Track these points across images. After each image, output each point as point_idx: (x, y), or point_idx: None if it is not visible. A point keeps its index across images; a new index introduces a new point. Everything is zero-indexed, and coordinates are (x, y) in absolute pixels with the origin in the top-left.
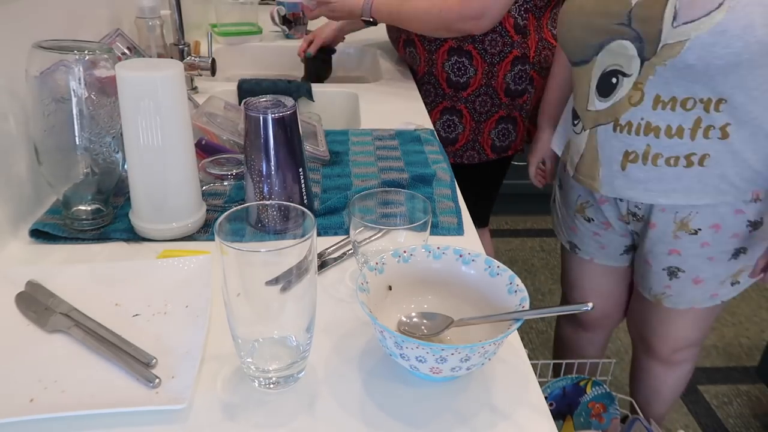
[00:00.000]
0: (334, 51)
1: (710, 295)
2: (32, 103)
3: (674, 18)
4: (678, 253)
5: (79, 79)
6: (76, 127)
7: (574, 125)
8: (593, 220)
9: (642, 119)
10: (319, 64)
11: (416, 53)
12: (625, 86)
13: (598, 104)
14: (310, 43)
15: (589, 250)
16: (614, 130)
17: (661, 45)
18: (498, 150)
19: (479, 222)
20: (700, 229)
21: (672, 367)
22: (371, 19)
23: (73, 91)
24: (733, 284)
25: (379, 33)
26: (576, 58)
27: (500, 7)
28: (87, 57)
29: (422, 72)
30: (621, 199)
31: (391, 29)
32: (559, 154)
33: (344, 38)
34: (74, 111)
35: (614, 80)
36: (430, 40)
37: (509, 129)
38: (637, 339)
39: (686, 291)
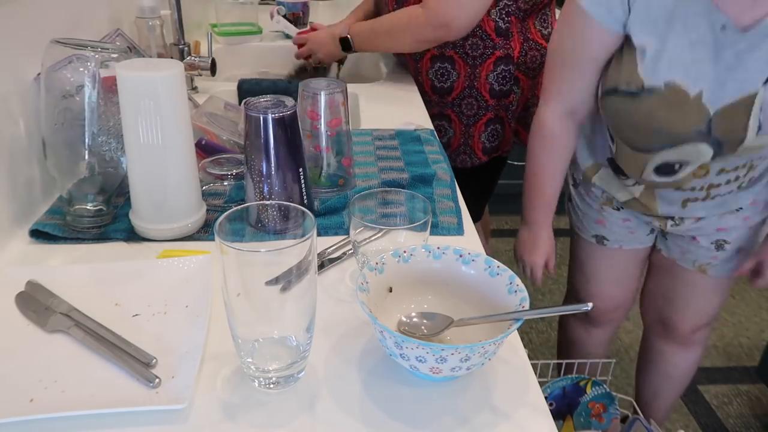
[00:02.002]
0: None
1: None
2: (44, 97)
3: (759, 129)
4: (725, 229)
5: (93, 76)
6: (86, 123)
7: (623, 178)
8: (622, 207)
9: (705, 183)
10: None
11: (406, 62)
12: (688, 169)
13: (655, 178)
14: (307, 55)
15: (618, 238)
16: (676, 190)
17: (742, 148)
18: (489, 151)
19: (473, 217)
20: (741, 208)
21: (687, 349)
22: (353, 50)
23: (86, 86)
24: None
25: None
26: (635, 147)
27: (469, 14)
28: (101, 54)
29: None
30: None
31: None
32: (583, 167)
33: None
34: (86, 107)
35: (677, 167)
36: None
37: (498, 130)
38: (654, 322)
39: (730, 260)
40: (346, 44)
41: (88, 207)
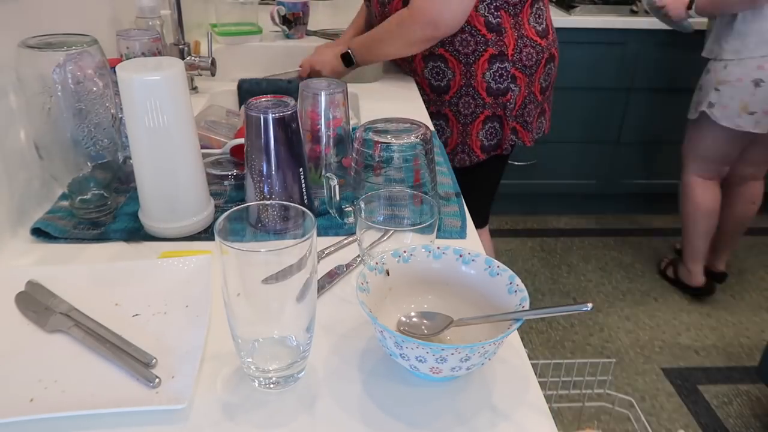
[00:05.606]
0: None
1: None
2: (27, 100)
3: None
4: None
5: (67, 74)
6: (69, 120)
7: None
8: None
9: None
10: None
11: (399, 63)
12: None
13: None
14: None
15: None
16: None
17: None
18: (488, 149)
19: (479, 222)
20: None
21: None
22: (355, 65)
23: (60, 86)
24: None
25: None
26: None
27: (455, 10)
28: (72, 51)
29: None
30: None
31: None
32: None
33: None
34: (62, 105)
35: None
36: None
37: (496, 128)
38: None
39: None
40: (348, 59)
41: (88, 197)
